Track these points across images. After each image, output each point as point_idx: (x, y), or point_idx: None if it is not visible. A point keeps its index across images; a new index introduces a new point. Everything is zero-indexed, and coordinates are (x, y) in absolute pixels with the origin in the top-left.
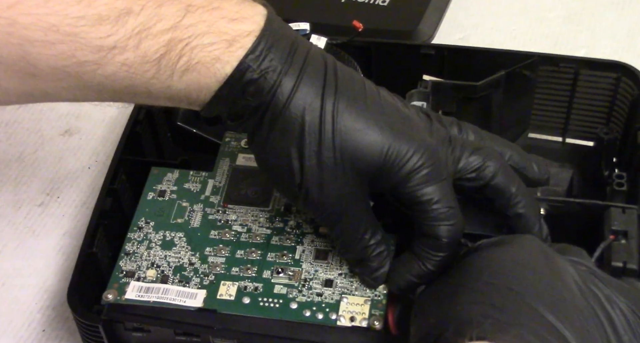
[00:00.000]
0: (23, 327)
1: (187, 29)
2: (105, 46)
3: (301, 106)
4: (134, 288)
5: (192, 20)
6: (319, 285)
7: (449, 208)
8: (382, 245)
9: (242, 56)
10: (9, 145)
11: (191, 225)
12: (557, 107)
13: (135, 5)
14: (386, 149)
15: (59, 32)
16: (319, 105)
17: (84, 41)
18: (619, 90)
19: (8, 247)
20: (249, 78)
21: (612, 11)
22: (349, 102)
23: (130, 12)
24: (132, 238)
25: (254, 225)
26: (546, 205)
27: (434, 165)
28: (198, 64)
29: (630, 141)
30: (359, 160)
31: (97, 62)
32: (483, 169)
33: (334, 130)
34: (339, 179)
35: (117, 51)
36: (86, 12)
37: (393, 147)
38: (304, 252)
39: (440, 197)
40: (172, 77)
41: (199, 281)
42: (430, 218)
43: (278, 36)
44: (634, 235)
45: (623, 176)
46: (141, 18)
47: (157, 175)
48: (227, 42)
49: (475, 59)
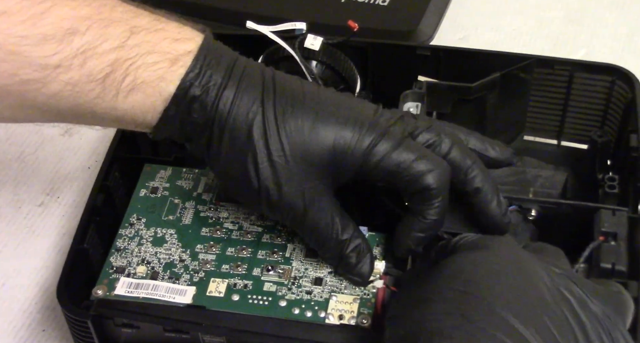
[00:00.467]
0: (23, 327)
1: (132, 48)
2: (49, 64)
3: (244, 114)
4: (124, 284)
5: (137, 40)
6: (308, 283)
7: (422, 158)
8: (356, 240)
9: (184, 74)
10: (9, 145)
11: (183, 222)
12: (552, 109)
13: (81, 26)
14: (332, 139)
15: (2, 50)
16: (260, 111)
17: (27, 60)
18: (613, 93)
19: (8, 247)
20: (192, 94)
21: (612, 11)
22: (288, 103)
23: (75, 32)
24: (123, 235)
25: (245, 223)
26: (538, 206)
27: (385, 135)
28: (143, 83)
29: (623, 144)
30: (311, 155)
31: (41, 80)
32: (438, 144)
33: (279, 132)
34: (296, 176)
35: (62, 70)
36: (30, 32)
37: (339, 135)
38: (294, 250)
39: (407, 156)
40: (117, 96)
41: (189, 278)
42: (409, 178)
43: (217, 54)
44: (624, 237)
45: (615, 179)
46: (87, 37)
47: (150, 172)
48: (170, 61)
49: (471, 61)
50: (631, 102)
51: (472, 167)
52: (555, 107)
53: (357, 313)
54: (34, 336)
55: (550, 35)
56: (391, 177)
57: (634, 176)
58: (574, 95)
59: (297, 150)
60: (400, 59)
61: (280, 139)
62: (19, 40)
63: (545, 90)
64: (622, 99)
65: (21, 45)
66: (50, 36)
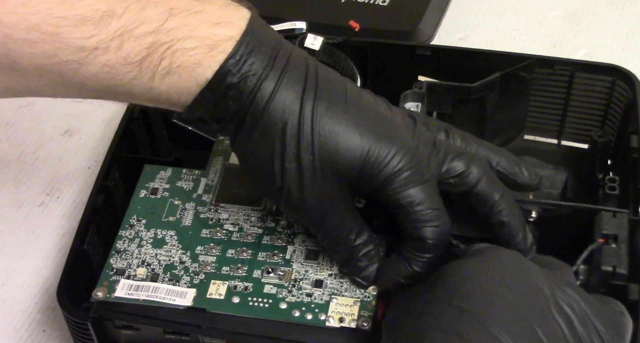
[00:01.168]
0: (23, 327)
1: (169, 32)
2: (87, 47)
3: (280, 109)
4: (124, 286)
5: (174, 23)
6: (308, 286)
7: (433, 209)
8: (369, 245)
9: (223, 61)
10: (9, 145)
11: (183, 223)
12: (553, 109)
13: (118, 7)
14: (365, 152)
15: (42, 31)
16: (298, 109)
17: (66, 41)
18: (614, 93)
19: (8, 247)
20: (230, 82)
21: (612, 11)
22: (328, 105)
23: (112, 14)
24: (123, 236)
25: (245, 225)
26: (538, 208)
27: (415, 167)
28: (179, 67)
29: (623, 144)
30: (339, 164)
31: (79, 61)
32: (466, 175)
33: (312, 133)
34: (319, 181)
35: (99, 52)
36: (69, 13)
37: (372, 150)
38: (294, 252)
39: (423, 199)
40: (154, 79)
41: (189, 280)
42: (413, 220)
43: (260, 40)
44: (624, 239)
45: (615, 180)
46: (124, 20)
47: (150, 173)
48: (209, 47)
49: (471, 60)
50: (632, 102)
51: (498, 202)
52: (556, 107)
53: (358, 316)
54: (34, 336)
55: (550, 35)
56: (396, 210)
57: (635, 178)
58: (575, 95)
59: (327, 157)
60: (400, 59)
61: (313, 143)
62: (58, 21)
63: (546, 90)
64: (623, 99)
65: (60, 26)
66: (88, 18)
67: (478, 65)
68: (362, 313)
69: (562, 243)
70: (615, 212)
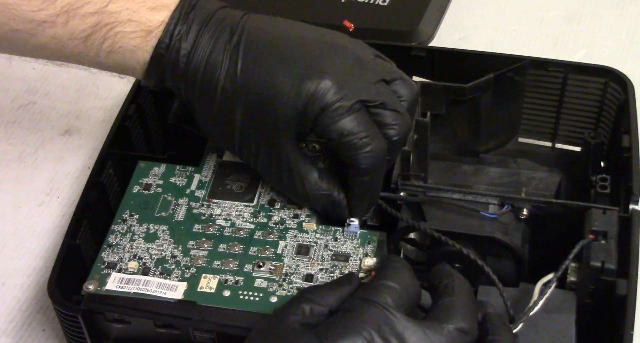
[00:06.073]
0: (23, 327)
1: (112, 14)
2: (36, 19)
3: (209, 80)
4: (115, 280)
5: (116, 7)
6: (299, 280)
7: (363, 138)
8: (327, 195)
9: (155, 45)
10: (9, 145)
11: (175, 218)
12: (547, 111)
13: None
14: (293, 95)
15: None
16: (225, 77)
17: (16, 12)
18: (606, 95)
19: (8, 247)
20: (165, 64)
21: (612, 11)
22: (253, 66)
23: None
24: (116, 230)
25: (237, 220)
26: (529, 206)
27: (343, 99)
28: (121, 48)
29: (616, 145)
30: (274, 111)
31: (29, 32)
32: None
33: (244, 90)
34: (262, 134)
35: (47, 25)
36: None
37: (302, 89)
38: (286, 246)
39: (352, 128)
40: (99, 55)
41: (180, 273)
42: (346, 148)
43: (191, 17)
44: (614, 235)
45: (607, 179)
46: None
47: (144, 169)
48: (145, 32)
49: (466, 62)
50: (624, 103)
51: None
52: (550, 109)
53: None
54: (34, 336)
55: (550, 35)
56: (330, 141)
57: (626, 176)
58: (568, 97)
59: (261, 106)
60: (396, 60)
61: (242, 101)
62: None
63: (540, 92)
64: (615, 100)
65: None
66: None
67: (473, 66)
68: None
69: (553, 241)
70: (605, 209)
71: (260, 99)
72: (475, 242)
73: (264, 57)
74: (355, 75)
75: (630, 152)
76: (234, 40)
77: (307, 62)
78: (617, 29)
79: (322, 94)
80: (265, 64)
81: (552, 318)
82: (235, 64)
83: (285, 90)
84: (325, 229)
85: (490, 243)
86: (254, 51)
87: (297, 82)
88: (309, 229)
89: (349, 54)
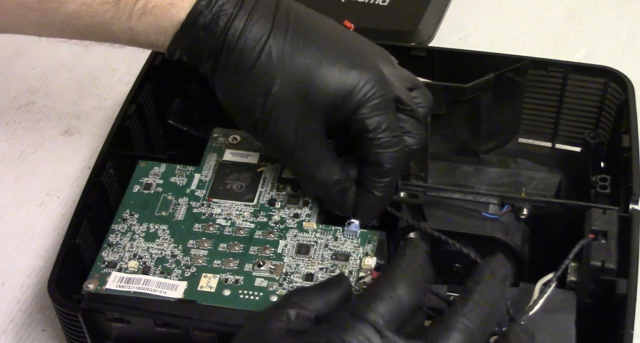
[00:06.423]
0: (23, 327)
1: None
2: None
3: (251, 46)
4: (115, 279)
5: None
6: (299, 279)
7: (394, 137)
8: (341, 183)
9: (195, 1)
10: (9, 145)
11: (175, 218)
12: (547, 111)
13: None
14: (337, 82)
15: None
16: (269, 44)
17: None
18: (606, 95)
19: (8, 247)
20: (202, 23)
21: (612, 11)
22: (299, 39)
23: None
24: (116, 230)
25: (237, 219)
26: (529, 205)
27: (384, 96)
28: (155, 7)
29: (616, 145)
30: (312, 95)
31: (59, 0)
32: None
33: (283, 68)
34: (293, 113)
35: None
36: None
37: (344, 79)
38: (286, 246)
39: (387, 126)
40: (131, 18)
41: (181, 273)
42: (376, 145)
43: None
44: (614, 235)
45: (607, 179)
46: None
47: (144, 168)
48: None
49: (466, 62)
50: (624, 103)
51: None
52: (550, 109)
53: None
54: (34, 336)
55: (550, 35)
56: (361, 135)
57: (626, 176)
58: (568, 97)
59: (301, 89)
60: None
61: (286, 77)
62: None
63: (540, 92)
64: (615, 100)
65: None
66: None
67: (473, 66)
68: None
69: (553, 241)
70: (605, 209)
71: (306, 75)
72: (476, 241)
73: (313, 36)
74: (393, 74)
75: (630, 152)
76: (282, 12)
77: (354, 53)
78: (617, 29)
79: (367, 86)
80: (315, 43)
81: (552, 318)
82: (284, 36)
83: (331, 75)
84: (325, 229)
85: (490, 243)
86: (302, 28)
87: (345, 69)
88: (309, 229)
89: (387, 57)
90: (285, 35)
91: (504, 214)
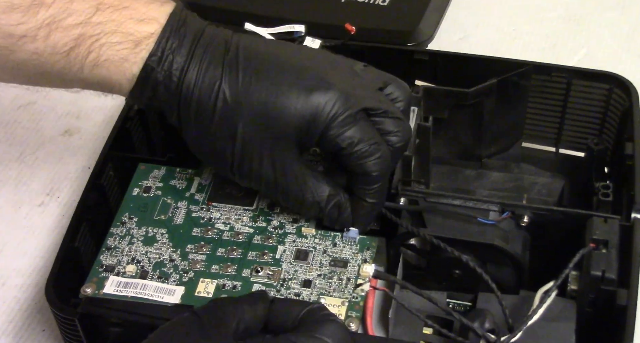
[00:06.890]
0: (23, 327)
1: (97, 26)
2: (15, 34)
3: (207, 95)
4: (113, 283)
5: (101, 18)
6: (297, 285)
7: (371, 145)
8: (333, 198)
9: (146, 57)
10: (9, 145)
11: (174, 221)
12: (550, 116)
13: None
14: (299, 109)
15: None
16: (223, 89)
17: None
18: (611, 101)
19: (8, 247)
20: (156, 79)
21: (612, 11)
22: (251, 77)
23: (41, 4)
24: (115, 233)
25: (237, 224)
26: (530, 213)
27: (349, 109)
28: (107, 61)
29: (619, 152)
30: (277, 127)
31: (9, 47)
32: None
33: (242, 108)
34: (264, 149)
35: (28, 40)
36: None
37: (306, 105)
38: (284, 251)
39: (361, 137)
40: (82, 70)
41: (178, 278)
42: (357, 158)
43: (182, 32)
44: (615, 244)
45: (609, 187)
46: (52, 10)
47: (144, 171)
48: (134, 43)
49: (468, 66)
50: (628, 110)
51: None
52: (553, 114)
53: (345, 316)
54: (34, 336)
55: (550, 35)
56: (338, 152)
57: (628, 184)
58: (572, 102)
59: (264, 123)
60: (398, 63)
61: (245, 115)
62: None
63: (543, 97)
64: (619, 107)
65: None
66: (17, 5)
67: (475, 70)
68: (350, 313)
69: (554, 249)
70: (606, 217)
71: (265, 109)
72: (475, 248)
73: (265, 69)
74: (356, 85)
75: (633, 159)
76: (231, 54)
77: (311, 75)
78: (617, 29)
79: (331, 105)
80: (268, 76)
81: (552, 327)
82: (235, 76)
83: (291, 101)
84: (324, 234)
85: (490, 250)
86: (253, 64)
87: (305, 93)
88: (308, 234)
89: (345, 67)
90: (236, 75)
91: (504, 221)
